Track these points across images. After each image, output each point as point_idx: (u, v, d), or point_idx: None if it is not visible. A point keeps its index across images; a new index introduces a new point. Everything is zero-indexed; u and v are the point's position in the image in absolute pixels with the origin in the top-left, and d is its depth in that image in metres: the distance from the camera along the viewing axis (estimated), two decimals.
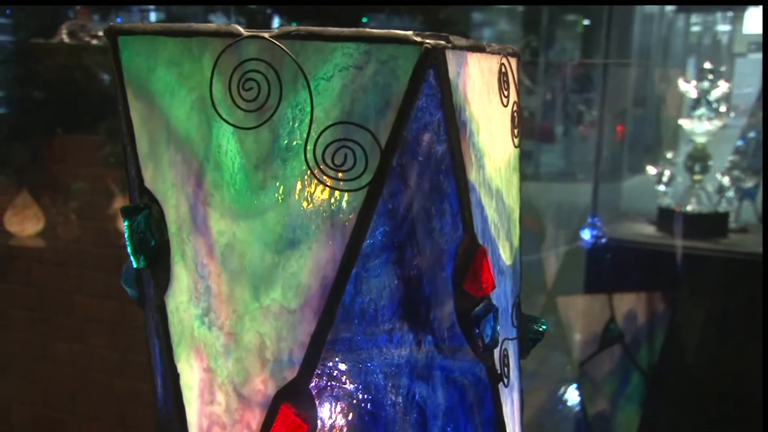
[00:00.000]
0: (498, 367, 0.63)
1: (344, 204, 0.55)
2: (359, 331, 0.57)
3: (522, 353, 0.70)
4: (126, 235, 0.60)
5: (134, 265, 0.61)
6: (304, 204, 0.56)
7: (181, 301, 0.60)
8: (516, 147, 0.69)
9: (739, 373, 2.30)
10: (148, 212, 0.60)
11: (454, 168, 0.57)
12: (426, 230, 0.57)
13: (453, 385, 0.60)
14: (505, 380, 0.64)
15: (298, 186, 0.55)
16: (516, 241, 0.69)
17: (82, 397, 2.06)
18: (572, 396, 2.45)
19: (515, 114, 0.68)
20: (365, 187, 0.55)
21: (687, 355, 2.35)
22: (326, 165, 0.55)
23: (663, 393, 2.39)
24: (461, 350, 0.60)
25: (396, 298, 0.57)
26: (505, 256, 0.66)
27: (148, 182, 0.61)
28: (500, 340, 0.63)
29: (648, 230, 2.67)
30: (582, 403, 2.49)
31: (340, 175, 0.55)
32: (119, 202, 2.01)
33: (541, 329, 0.70)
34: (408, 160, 0.55)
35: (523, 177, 0.72)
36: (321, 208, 0.55)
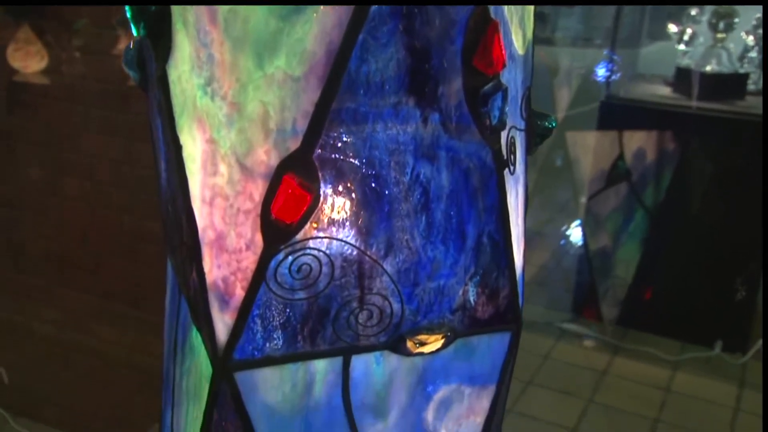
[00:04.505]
0: (504, 153, 0.62)
1: None
2: (364, 102, 0.55)
3: (529, 148, 0.69)
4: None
5: (134, 32, 0.59)
6: None
7: (183, 70, 0.59)
8: None
9: (740, 223, 2.32)
10: None
11: None
12: None
13: (458, 166, 0.60)
14: (511, 167, 0.63)
15: None
16: (529, 33, 0.66)
17: (93, 233, 2.10)
18: (576, 232, 2.48)
19: None
20: None
21: (692, 200, 2.36)
22: None
23: (665, 233, 2.43)
24: (468, 131, 0.59)
25: (403, 69, 0.55)
26: (518, 44, 0.64)
27: None
28: (508, 125, 0.61)
29: (663, 90, 2.61)
30: (585, 238, 2.53)
31: None
32: (124, 41, 1.96)
33: (549, 126, 0.69)
34: None
35: (539, 41, 0.69)
36: None
